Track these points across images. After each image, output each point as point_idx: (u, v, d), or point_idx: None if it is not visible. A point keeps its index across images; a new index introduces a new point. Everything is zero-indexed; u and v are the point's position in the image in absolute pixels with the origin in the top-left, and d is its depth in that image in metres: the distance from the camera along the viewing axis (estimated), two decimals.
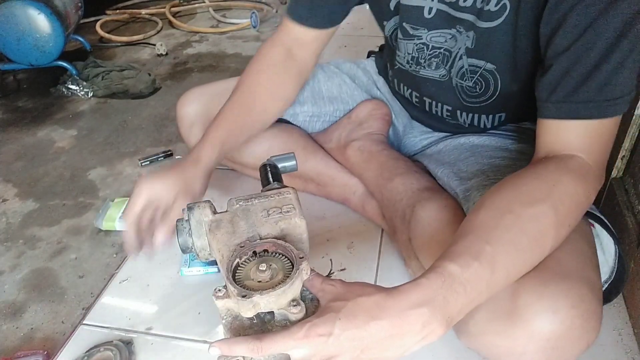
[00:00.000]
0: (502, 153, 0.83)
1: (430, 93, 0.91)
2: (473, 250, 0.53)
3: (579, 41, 0.60)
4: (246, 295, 0.54)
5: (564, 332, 0.57)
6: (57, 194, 1.20)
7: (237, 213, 0.66)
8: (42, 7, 1.54)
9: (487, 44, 0.75)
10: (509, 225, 0.55)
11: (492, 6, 0.71)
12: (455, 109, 0.89)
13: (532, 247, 0.56)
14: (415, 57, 0.87)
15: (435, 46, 0.83)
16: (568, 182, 0.59)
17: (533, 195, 0.58)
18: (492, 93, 0.82)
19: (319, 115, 1.07)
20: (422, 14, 0.80)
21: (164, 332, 0.83)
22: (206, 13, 2.33)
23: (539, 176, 0.60)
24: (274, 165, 0.78)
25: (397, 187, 0.90)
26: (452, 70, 0.84)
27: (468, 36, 0.77)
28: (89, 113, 1.55)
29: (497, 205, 0.58)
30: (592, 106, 0.61)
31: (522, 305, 0.57)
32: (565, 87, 0.62)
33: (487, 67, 0.79)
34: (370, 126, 1.03)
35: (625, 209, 0.87)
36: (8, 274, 0.98)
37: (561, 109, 0.63)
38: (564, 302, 0.56)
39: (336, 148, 1.05)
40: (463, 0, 0.75)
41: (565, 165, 0.61)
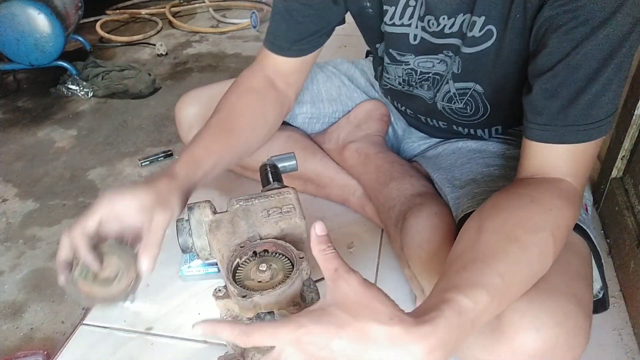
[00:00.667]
0: (499, 160, 0.83)
1: (422, 111, 0.91)
2: (485, 283, 0.50)
3: (562, 62, 0.59)
4: (246, 295, 0.54)
5: (548, 350, 0.56)
6: (57, 194, 1.20)
7: (237, 213, 0.66)
8: (42, 7, 1.54)
9: (473, 68, 0.75)
10: (516, 254, 0.54)
11: (476, 32, 0.70)
12: (450, 124, 0.90)
13: (535, 274, 0.56)
14: (406, 79, 0.87)
15: (424, 71, 0.82)
16: (562, 207, 0.59)
17: (533, 221, 0.57)
18: (483, 112, 0.82)
19: (318, 117, 1.08)
20: (408, 40, 0.79)
21: (164, 332, 0.83)
22: (206, 13, 2.33)
23: (534, 199, 0.59)
24: (274, 165, 0.78)
25: (391, 192, 0.90)
26: (437, 95, 0.84)
27: (454, 61, 0.76)
28: (89, 113, 1.55)
29: (501, 230, 0.56)
30: (578, 130, 0.60)
31: (505, 322, 0.57)
32: (550, 110, 0.61)
33: (475, 89, 0.78)
34: (368, 127, 1.03)
35: (625, 209, 0.87)
36: (8, 274, 0.98)
37: (547, 133, 0.62)
38: (548, 320, 0.56)
39: (334, 149, 1.05)
40: (449, 27, 0.74)
41: (558, 190, 0.61)
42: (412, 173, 0.94)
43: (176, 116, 1.06)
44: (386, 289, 0.69)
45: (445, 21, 0.73)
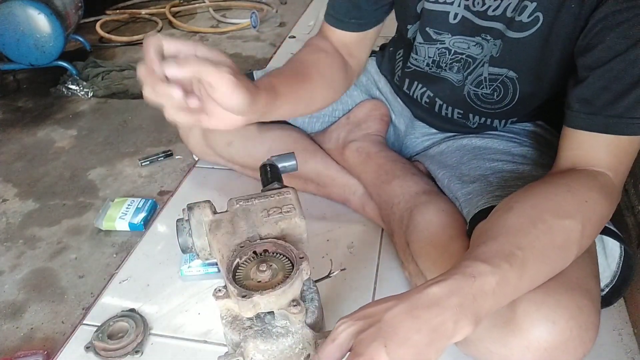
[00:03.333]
0: (505, 157, 0.83)
1: (444, 95, 0.90)
2: (505, 252, 0.52)
3: (618, 58, 0.60)
4: (246, 295, 0.54)
5: (561, 343, 0.57)
6: (57, 194, 1.20)
7: (237, 213, 0.66)
8: (42, 7, 1.54)
9: (513, 54, 0.75)
10: (540, 234, 0.55)
11: (525, 17, 0.70)
12: (467, 112, 0.89)
13: (557, 259, 0.56)
14: (437, 60, 0.86)
15: (458, 52, 0.82)
16: (597, 200, 0.59)
17: (565, 208, 0.57)
18: (510, 101, 0.82)
19: (318, 116, 1.08)
20: (447, 19, 0.79)
21: (164, 332, 0.83)
22: (206, 13, 2.33)
23: (571, 189, 0.60)
24: (274, 165, 0.78)
25: (394, 190, 0.90)
26: (468, 77, 0.83)
27: (495, 44, 0.76)
28: (89, 113, 1.55)
29: (528, 212, 0.57)
30: (623, 122, 0.61)
31: (520, 314, 0.57)
32: (600, 101, 0.62)
33: (509, 75, 0.78)
34: (368, 127, 1.03)
35: (625, 209, 0.87)
36: (8, 274, 0.98)
37: (594, 122, 0.62)
38: (563, 313, 0.57)
39: (335, 149, 1.05)
40: (492, 9, 0.73)
41: (596, 183, 0.61)
42: (415, 171, 0.94)
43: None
44: (386, 289, 0.70)
45: (491, 2, 0.73)
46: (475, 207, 0.74)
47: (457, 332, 0.48)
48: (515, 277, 0.51)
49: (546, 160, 0.80)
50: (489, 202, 0.73)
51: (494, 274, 0.50)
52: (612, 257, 0.74)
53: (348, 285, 0.88)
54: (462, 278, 0.50)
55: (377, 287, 0.87)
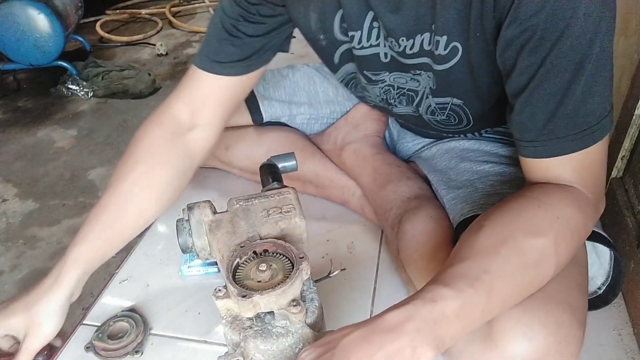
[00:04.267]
0: (493, 158, 0.83)
1: (412, 122, 0.92)
2: (470, 277, 0.51)
3: (535, 80, 0.58)
4: (246, 295, 0.54)
5: (539, 359, 0.56)
6: (57, 194, 1.20)
7: (237, 213, 0.66)
8: (42, 7, 1.54)
9: (447, 84, 0.74)
10: (510, 255, 0.53)
11: (442, 50, 0.69)
12: (439, 132, 0.90)
13: (530, 280, 0.55)
14: (385, 98, 0.87)
15: (400, 86, 0.82)
16: (571, 215, 0.57)
17: (536, 226, 0.56)
18: (467, 122, 0.82)
19: (316, 118, 1.08)
20: (379, 59, 0.79)
21: (164, 332, 0.83)
22: (206, 13, 2.33)
23: (542, 205, 0.58)
24: (274, 165, 0.78)
25: (388, 195, 0.90)
26: (420, 108, 0.83)
27: (429, 76, 0.76)
28: (89, 113, 1.55)
29: (499, 231, 0.56)
30: (567, 140, 0.59)
31: (497, 330, 0.57)
32: (534, 127, 0.60)
33: (454, 102, 0.78)
34: (366, 128, 1.04)
35: (625, 209, 0.87)
36: (8, 274, 0.98)
37: (537, 149, 0.61)
38: (541, 330, 0.56)
39: (333, 150, 1.05)
40: (409, 48, 0.73)
41: (569, 196, 0.59)
42: (409, 175, 0.94)
43: None
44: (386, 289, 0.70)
45: (405, 42, 0.73)
46: (459, 214, 0.74)
47: (418, 358, 0.47)
48: (482, 301, 0.50)
49: None
50: (473, 211, 0.72)
51: (456, 298, 0.49)
52: (604, 257, 0.73)
53: (348, 285, 0.88)
54: (421, 303, 0.49)
55: (377, 287, 0.87)
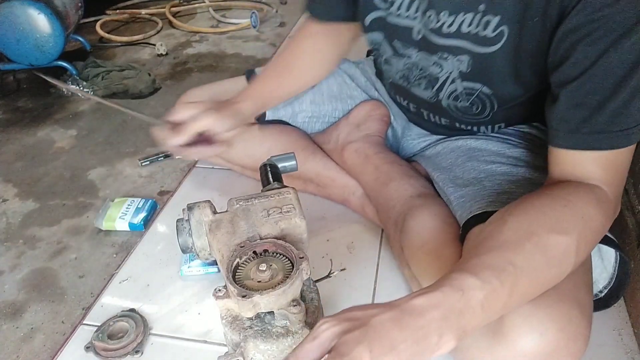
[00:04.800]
0: (500, 159, 0.83)
1: (425, 107, 0.91)
2: (496, 268, 0.51)
3: (588, 72, 0.58)
4: (246, 295, 0.54)
5: (549, 354, 0.56)
6: (57, 194, 1.20)
7: (237, 213, 0.66)
8: (42, 7, 1.54)
9: (484, 69, 0.74)
10: (534, 250, 0.53)
11: (490, 32, 0.69)
12: (452, 121, 0.89)
13: (550, 277, 0.55)
14: (406, 74, 0.87)
15: (423, 68, 0.82)
16: (594, 216, 0.58)
17: (561, 224, 0.56)
18: (489, 112, 0.82)
19: (318, 116, 1.08)
20: (411, 34, 0.79)
21: (164, 332, 0.83)
22: (206, 13, 2.33)
23: (568, 204, 0.58)
24: (274, 165, 0.78)
25: (390, 193, 0.90)
26: (440, 94, 0.83)
27: (460, 60, 0.75)
28: (89, 113, 1.55)
29: (524, 227, 0.56)
30: (604, 137, 0.59)
31: (508, 324, 0.57)
32: (576, 118, 0.60)
33: (483, 90, 0.78)
34: (368, 127, 1.03)
35: (625, 209, 0.87)
36: (8, 274, 0.98)
37: (572, 140, 0.61)
38: (552, 325, 0.56)
39: (334, 149, 1.05)
40: (447, 26, 0.73)
41: (594, 197, 0.59)
42: (412, 173, 0.94)
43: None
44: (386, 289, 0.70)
45: (446, 18, 0.72)
46: (468, 211, 0.74)
47: (441, 346, 0.47)
48: (506, 294, 0.50)
49: (540, 162, 0.79)
50: (483, 208, 0.72)
51: (483, 289, 0.49)
52: (607, 260, 0.73)
53: (348, 285, 0.88)
54: (449, 291, 0.49)
55: (377, 287, 0.87)
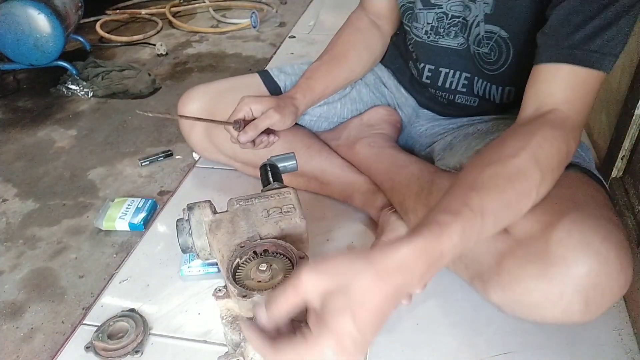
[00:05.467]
0: None
1: (448, 62, 0.93)
2: (460, 199, 0.53)
3: None
4: (246, 295, 0.54)
5: (601, 265, 0.56)
6: (57, 194, 1.20)
7: (237, 213, 0.66)
8: (42, 7, 1.54)
9: (507, 10, 0.77)
10: (491, 173, 0.56)
11: None
12: (473, 75, 0.91)
13: (519, 196, 0.57)
14: (435, 26, 0.89)
15: (455, 15, 0.85)
16: (545, 130, 0.61)
17: (512, 146, 0.59)
18: (505, 61, 0.84)
19: (326, 116, 1.09)
20: None
21: (164, 332, 0.83)
22: (206, 13, 2.33)
23: (515, 131, 0.63)
24: (274, 165, 0.78)
25: (412, 171, 0.91)
26: (469, 38, 0.86)
27: (487, 2, 0.79)
28: (89, 113, 1.55)
29: (479, 161, 0.60)
30: (579, 52, 0.63)
31: (554, 243, 0.57)
32: (560, 33, 0.64)
33: (501, 34, 0.81)
34: (381, 128, 1.06)
35: (625, 209, 0.87)
36: (8, 274, 0.98)
37: (551, 52, 0.65)
38: (595, 235, 0.57)
39: (344, 144, 1.06)
40: None
41: (542, 119, 0.63)
42: (429, 164, 0.95)
43: (179, 111, 1.06)
44: None
45: None
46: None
47: (419, 287, 0.51)
48: (478, 220, 0.52)
49: None
50: None
51: (457, 221, 0.51)
52: None
53: None
54: (429, 234, 0.49)
55: None
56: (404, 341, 0.78)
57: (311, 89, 0.97)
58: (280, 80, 1.06)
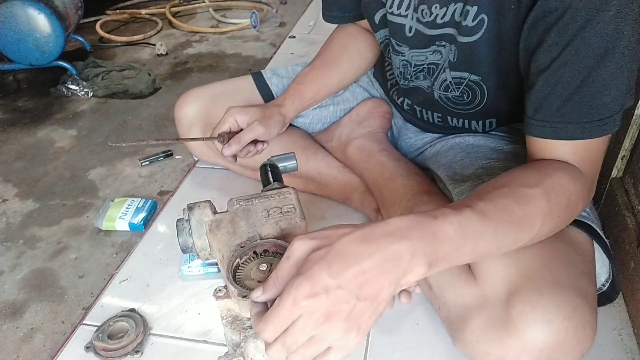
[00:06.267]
0: (497, 154, 0.84)
1: (420, 102, 0.92)
2: (466, 202, 0.53)
3: (557, 60, 0.59)
4: (246, 295, 0.54)
5: (558, 343, 0.57)
6: (57, 194, 1.20)
7: (237, 213, 0.66)
8: (42, 7, 1.54)
9: (469, 57, 0.75)
10: (502, 194, 0.55)
11: (470, 21, 0.70)
12: (445, 115, 0.90)
13: (522, 221, 0.55)
14: (403, 72, 0.88)
15: (417, 64, 0.84)
16: (560, 175, 0.59)
17: (526, 180, 0.58)
18: (480, 101, 0.82)
19: (319, 117, 1.08)
20: (404, 32, 0.80)
21: (164, 332, 0.83)
22: (206, 13, 2.33)
23: (532, 167, 0.62)
24: (274, 165, 0.78)
25: (397, 188, 0.90)
26: (435, 83, 0.84)
27: (451, 49, 0.77)
28: (89, 113, 1.55)
29: (492, 183, 0.59)
30: (576, 127, 0.60)
31: (515, 314, 0.58)
32: (549, 108, 0.61)
33: (471, 79, 0.79)
34: (370, 125, 1.04)
35: (625, 209, 0.87)
36: (8, 274, 0.98)
37: (545, 129, 0.62)
38: (558, 313, 0.57)
39: (337, 147, 1.05)
40: (441, 17, 0.74)
41: (559, 164, 0.62)
42: (417, 171, 0.94)
43: (176, 115, 1.06)
44: None
45: (438, 10, 0.74)
46: None
47: (413, 268, 0.46)
48: (478, 223, 0.51)
49: None
50: None
51: (456, 215, 0.50)
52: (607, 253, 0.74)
53: None
54: (424, 215, 0.49)
55: None
56: (404, 341, 0.78)
57: (300, 94, 0.96)
58: (272, 84, 1.06)
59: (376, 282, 0.45)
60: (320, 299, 0.44)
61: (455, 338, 0.68)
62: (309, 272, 0.45)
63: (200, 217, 0.66)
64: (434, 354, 0.76)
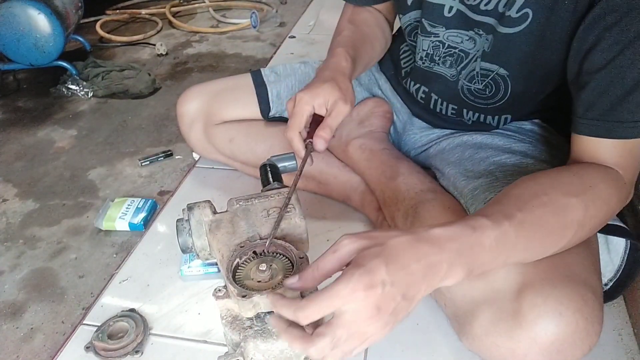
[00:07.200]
0: (507, 153, 0.84)
1: (438, 90, 0.91)
2: (506, 213, 0.55)
3: (615, 60, 0.60)
4: (246, 295, 0.54)
5: (568, 335, 0.57)
6: (57, 194, 1.20)
7: (237, 213, 0.66)
8: (42, 7, 1.54)
9: (504, 50, 0.75)
10: (541, 203, 0.56)
11: (514, 12, 0.70)
12: (461, 108, 0.90)
13: (555, 232, 0.57)
14: (430, 54, 0.87)
15: (451, 45, 0.83)
16: (604, 188, 0.60)
17: (569, 188, 0.59)
18: (502, 97, 0.82)
19: None
20: (442, 12, 0.80)
21: (164, 332, 0.83)
22: (206, 13, 2.33)
23: (578, 174, 0.61)
24: (274, 165, 0.78)
25: (399, 186, 0.90)
26: (462, 72, 0.84)
27: (487, 39, 0.77)
28: (89, 113, 1.55)
29: (533, 187, 0.59)
30: (627, 126, 0.61)
31: (527, 306, 0.58)
32: (601, 106, 0.62)
33: (499, 72, 0.79)
34: (371, 124, 1.04)
35: (625, 209, 0.87)
36: (8, 274, 0.98)
37: (595, 128, 0.63)
38: (569, 305, 0.57)
39: (338, 146, 1.05)
40: (485, 4, 0.74)
41: (605, 173, 0.62)
42: (418, 169, 0.94)
43: (177, 111, 1.07)
44: None
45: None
46: (483, 202, 0.75)
47: (449, 276, 0.50)
48: (513, 235, 0.53)
49: (546, 157, 0.81)
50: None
51: (494, 229, 0.52)
52: (615, 252, 0.74)
53: None
54: (463, 227, 0.52)
55: None
56: (404, 341, 0.78)
57: (354, 61, 0.86)
58: (269, 82, 1.06)
59: (419, 285, 0.49)
60: (376, 291, 0.46)
61: (463, 333, 0.67)
62: (367, 265, 0.47)
63: (200, 217, 0.66)
64: (434, 354, 0.76)
